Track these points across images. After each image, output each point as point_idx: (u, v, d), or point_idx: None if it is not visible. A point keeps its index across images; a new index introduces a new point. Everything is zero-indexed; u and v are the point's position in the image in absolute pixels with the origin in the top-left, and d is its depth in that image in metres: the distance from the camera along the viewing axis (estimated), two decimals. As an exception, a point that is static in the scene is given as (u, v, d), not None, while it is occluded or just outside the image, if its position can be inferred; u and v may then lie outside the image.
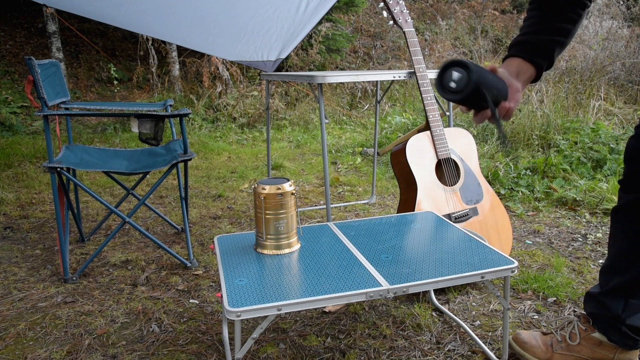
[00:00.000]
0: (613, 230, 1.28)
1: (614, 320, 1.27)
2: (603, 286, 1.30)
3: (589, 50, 5.46)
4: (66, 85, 2.35)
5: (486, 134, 3.98)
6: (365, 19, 8.36)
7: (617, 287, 1.26)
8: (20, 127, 4.92)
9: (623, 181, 1.24)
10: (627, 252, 1.24)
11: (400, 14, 1.94)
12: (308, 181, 3.37)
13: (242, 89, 5.93)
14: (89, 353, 1.45)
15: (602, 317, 1.29)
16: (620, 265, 1.26)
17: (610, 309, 1.26)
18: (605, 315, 1.28)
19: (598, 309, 1.30)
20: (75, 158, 2.08)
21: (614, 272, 1.27)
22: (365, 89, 6.29)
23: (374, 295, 1.11)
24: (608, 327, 1.29)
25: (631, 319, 1.25)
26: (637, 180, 1.20)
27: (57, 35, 5.70)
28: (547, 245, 2.24)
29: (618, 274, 1.26)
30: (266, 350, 1.45)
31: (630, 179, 1.22)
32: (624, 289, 1.25)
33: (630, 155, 1.20)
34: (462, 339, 1.50)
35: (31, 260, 2.12)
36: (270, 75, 2.35)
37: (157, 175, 3.51)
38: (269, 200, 1.30)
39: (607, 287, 1.28)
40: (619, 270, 1.26)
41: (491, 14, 9.06)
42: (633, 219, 1.22)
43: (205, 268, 2.02)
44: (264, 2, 2.63)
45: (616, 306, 1.26)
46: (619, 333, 1.27)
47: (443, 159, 1.85)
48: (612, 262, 1.28)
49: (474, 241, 1.38)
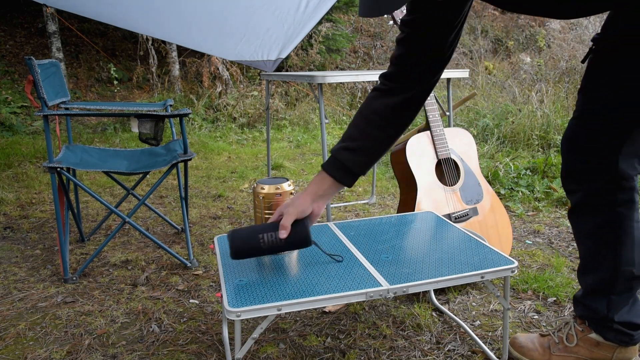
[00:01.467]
0: (575, 232, 1.29)
1: (603, 320, 1.26)
2: (582, 287, 1.31)
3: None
4: (66, 85, 2.35)
5: (486, 134, 3.98)
6: (365, 19, 8.35)
7: (595, 287, 1.26)
8: (20, 127, 4.92)
9: (562, 177, 1.24)
10: (593, 250, 1.25)
11: (400, 14, 1.94)
12: (308, 181, 3.37)
13: (242, 89, 5.94)
14: (89, 353, 1.45)
15: (592, 319, 1.29)
16: (591, 264, 1.26)
17: (596, 310, 1.26)
18: (594, 317, 1.28)
19: (586, 311, 1.30)
20: (75, 158, 2.08)
21: (587, 272, 1.28)
22: (365, 89, 6.30)
23: (374, 295, 1.11)
24: (600, 327, 1.28)
25: (618, 315, 1.24)
26: (577, 173, 1.20)
27: (57, 35, 5.70)
28: (547, 245, 2.24)
29: (591, 273, 1.26)
30: (266, 350, 1.45)
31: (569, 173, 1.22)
32: (601, 287, 1.25)
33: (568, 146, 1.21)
34: (462, 339, 1.50)
35: (31, 260, 2.12)
36: (270, 75, 2.35)
37: (157, 175, 3.51)
38: (267, 200, 1.30)
39: (586, 289, 1.29)
40: (591, 269, 1.27)
41: (491, 14, 9.06)
42: (587, 216, 1.22)
43: (205, 268, 2.02)
44: (264, 2, 2.63)
45: (601, 306, 1.25)
46: (612, 331, 1.26)
47: (443, 159, 1.85)
48: (584, 263, 1.29)
49: (474, 241, 1.38)
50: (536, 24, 8.67)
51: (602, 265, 1.23)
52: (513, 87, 4.94)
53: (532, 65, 5.89)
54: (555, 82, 4.91)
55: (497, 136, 3.85)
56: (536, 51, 7.51)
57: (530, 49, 7.79)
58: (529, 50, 7.77)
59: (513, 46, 8.05)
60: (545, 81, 4.92)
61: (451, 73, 2.07)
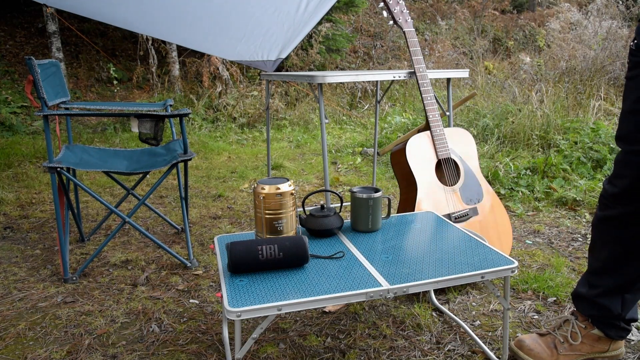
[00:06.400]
0: (603, 236, 1.30)
1: (615, 318, 1.30)
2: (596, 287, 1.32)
3: (588, 50, 5.46)
4: (66, 85, 2.35)
5: (486, 134, 3.98)
6: (365, 19, 8.36)
7: (611, 288, 1.29)
8: (20, 127, 4.92)
9: (621, 194, 1.23)
10: (621, 255, 1.27)
11: (400, 14, 1.94)
12: (308, 181, 3.37)
13: (242, 89, 5.93)
14: (89, 353, 1.45)
15: (603, 317, 1.32)
16: (613, 268, 1.28)
17: (610, 309, 1.30)
18: (606, 315, 1.31)
19: (597, 310, 1.33)
20: (75, 158, 2.08)
21: (605, 273, 1.30)
22: (365, 89, 6.30)
23: (374, 295, 1.11)
24: (607, 325, 1.32)
25: (629, 313, 1.31)
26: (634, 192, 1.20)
27: (57, 35, 5.70)
28: (547, 245, 2.24)
29: (610, 276, 1.29)
30: (266, 350, 1.45)
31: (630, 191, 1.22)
32: (619, 288, 1.28)
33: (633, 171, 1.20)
34: (462, 339, 1.50)
35: (31, 260, 2.12)
36: (270, 75, 2.35)
37: (157, 175, 3.51)
38: (268, 200, 1.30)
39: (601, 289, 1.31)
40: (612, 271, 1.29)
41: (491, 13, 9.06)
42: (627, 227, 1.24)
43: (205, 268, 2.02)
44: (264, 2, 2.63)
45: (615, 305, 1.29)
46: (616, 328, 1.32)
47: (443, 159, 1.85)
48: (604, 265, 1.30)
49: (474, 241, 1.38)
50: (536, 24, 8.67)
51: (626, 269, 1.26)
52: (513, 87, 4.94)
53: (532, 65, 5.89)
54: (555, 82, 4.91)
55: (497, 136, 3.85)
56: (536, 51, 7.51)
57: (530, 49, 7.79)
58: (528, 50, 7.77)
59: (513, 46, 8.05)
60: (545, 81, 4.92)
61: (451, 73, 2.07)
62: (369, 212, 1.45)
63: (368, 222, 1.46)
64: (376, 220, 1.46)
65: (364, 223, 1.46)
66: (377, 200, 1.45)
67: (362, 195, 1.45)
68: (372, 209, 1.45)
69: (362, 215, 1.46)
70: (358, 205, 1.46)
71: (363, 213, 1.46)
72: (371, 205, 1.44)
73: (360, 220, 1.47)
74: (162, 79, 6.26)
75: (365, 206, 1.45)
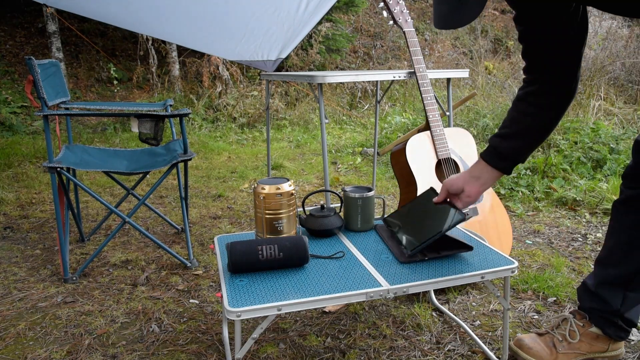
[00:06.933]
0: (613, 222, 1.31)
1: (612, 314, 1.30)
2: (598, 276, 1.32)
3: (588, 50, 5.46)
4: (66, 85, 2.35)
5: (486, 134, 3.98)
6: (365, 19, 8.36)
7: (614, 279, 1.29)
8: (20, 127, 4.92)
9: (627, 175, 1.25)
10: (624, 244, 1.26)
11: (400, 13, 1.94)
12: (308, 181, 3.37)
13: (242, 89, 5.94)
14: (89, 353, 1.45)
15: (601, 311, 1.32)
16: (618, 257, 1.28)
17: (609, 302, 1.29)
18: (604, 309, 1.31)
19: (596, 302, 1.32)
20: (75, 158, 2.08)
21: (610, 262, 1.30)
22: (365, 89, 6.30)
23: (374, 295, 1.11)
24: (605, 321, 1.32)
25: (628, 312, 1.29)
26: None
27: (57, 35, 5.70)
28: (547, 245, 2.24)
29: (615, 266, 1.29)
30: (266, 350, 1.45)
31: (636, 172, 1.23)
32: (621, 281, 1.27)
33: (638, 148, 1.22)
34: (462, 339, 1.50)
35: (31, 260, 2.12)
36: (270, 75, 2.35)
37: (157, 175, 3.51)
38: (268, 200, 1.30)
39: (603, 279, 1.30)
40: (616, 261, 1.28)
41: (491, 13, 9.06)
42: (634, 212, 1.24)
43: (205, 268, 2.02)
44: (263, 2, 2.63)
45: (615, 300, 1.28)
46: (614, 327, 1.31)
47: (443, 159, 1.85)
48: (609, 253, 1.30)
49: (474, 241, 1.38)
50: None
51: (629, 260, 1.26)
52: (513, 87, 4.94)
53: (532, 65, 5.87)
54: (555, 82, 4.91)
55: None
56: (536, 51, 7.49)
57: (530, 49, 7.77)
58: (529, 50, 7.75)
59: (513, 46, 8.05)
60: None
61: (451, 73, 2.07)
62: (358, 211, 1.45)
63: (357, 221, 1.46)
64: (367, 219, 1.47)
65: (354, 222, 1.47)
66: (368, 199, 1.45)
67: (352, 195, 1.46)
68: (362, 209, 1.45)
69: (353, 214, 1.46)
70: (348, 204, 1.47)
71: (353, 212, 1.46)
72: (360, 205, 1.45)
73: (350, 220, 1.48)
74: (162, 79, 6.26)
75: (355, 205, 1.45)
